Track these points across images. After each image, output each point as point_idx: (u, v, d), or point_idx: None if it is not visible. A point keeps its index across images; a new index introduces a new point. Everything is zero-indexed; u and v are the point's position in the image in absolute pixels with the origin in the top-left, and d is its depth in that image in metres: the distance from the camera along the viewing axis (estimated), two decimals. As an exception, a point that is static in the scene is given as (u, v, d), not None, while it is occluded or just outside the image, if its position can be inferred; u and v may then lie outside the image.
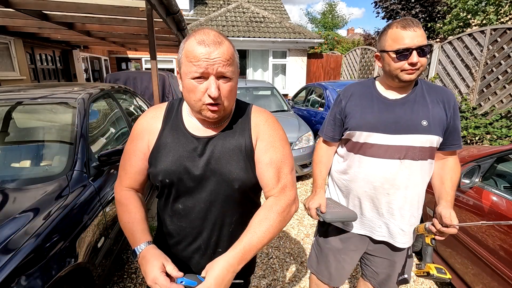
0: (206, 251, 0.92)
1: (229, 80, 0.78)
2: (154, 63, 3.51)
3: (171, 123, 0.90)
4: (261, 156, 0.87)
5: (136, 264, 2.36)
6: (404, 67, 1.05)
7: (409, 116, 1.11)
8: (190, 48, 0.75)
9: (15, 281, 1.04)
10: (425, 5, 11.04)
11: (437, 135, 1.11)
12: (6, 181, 1.57)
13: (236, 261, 0.76)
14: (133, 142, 0.92)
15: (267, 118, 0.92)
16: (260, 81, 6.45)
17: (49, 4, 3.49)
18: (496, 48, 4.89)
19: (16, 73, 5.70)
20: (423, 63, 1.04)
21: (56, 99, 2.16)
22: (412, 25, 1.03)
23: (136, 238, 0.83)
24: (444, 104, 1.13)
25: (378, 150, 1.13)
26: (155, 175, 0.87)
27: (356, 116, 1.17)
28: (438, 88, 1.17)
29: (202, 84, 0.76)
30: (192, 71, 0.75)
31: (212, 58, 0.74)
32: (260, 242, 0.79)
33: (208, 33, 0.76)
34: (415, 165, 1.13)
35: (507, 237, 1.47)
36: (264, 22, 9.92)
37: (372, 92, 1.19)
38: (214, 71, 0.75)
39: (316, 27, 25.96)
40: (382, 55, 1.11)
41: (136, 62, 11.54)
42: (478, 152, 2.09)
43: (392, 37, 1.05)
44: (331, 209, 1.23)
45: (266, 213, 0.83)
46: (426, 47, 1.03)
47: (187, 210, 0.89)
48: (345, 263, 1.34)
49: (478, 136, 5.03)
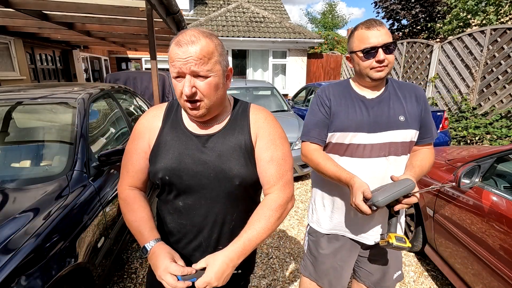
0: (207, 249, 0.92)
1: (205, 78, 0.79)
2: (154, 63, 3.51)
3: (171, 121, 0.92)
4: (262, 154, 0.88)
5: (136, 264, 2.37)
6: (373, 65, 1.09)
7: (387, 113, 1.14)
8: (170, 49, 0.78)
9: (15, 281, 1.04)
10: (425, 5, 11.03)
11: (414, 129, 1.15)
12: (6, 181, 1.57)
13: (236, 256, 0.79)
14: (134, 141, 0.93)
15: (266, 116, 0.93)
16: (260, 81, 6.45)
17: (49, 4, 3.49)
18: (496, 48, 4.89)
19: (16, 73, 5.70)
20: (390, 60, 1.09)
21: (56, 99, 2.16)
22: (375, 25, 1.08)
23: (144, 236, 0.85)
24: (416, 98, 1.18)
25: (364, 150, 1.14)
26: (155, 172, 0.87)
27: (341, 116, 1.16)
28: (408, 85, 1.23)
29: (180, 83, 0.79)
30: (172, 71, 0.79)
31: (184, 58, 0.75)
32: (259, 238, 0.82)
33: (186, 33, 0.77)
34: (399, 160, 1.16)
35: (507, 237, 1.47)
36: (264, 22, 9.92)
37: (350, 92, 1.21)
38: (188, 70, 0.76)
39: (316, 27, 25.96)
40: (352, 56, 1.16)
41: (136, 62, 11.54)
42: (478, 152, 2.09)
43: (359, 38, 1.11)
44: (376, 191, 1.04)
45: (265, 210, 0.85)
46: (391, 45, 1.08)
47: (188, 208, 0.89)
48: (343, 270, 1.32)
49: (478, 136, 5.03)
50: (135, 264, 2.37)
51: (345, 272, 1.33)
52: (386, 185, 1.05)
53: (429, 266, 2.40)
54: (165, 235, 0.95)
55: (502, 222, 1.52)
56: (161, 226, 0.97)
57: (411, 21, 11.57)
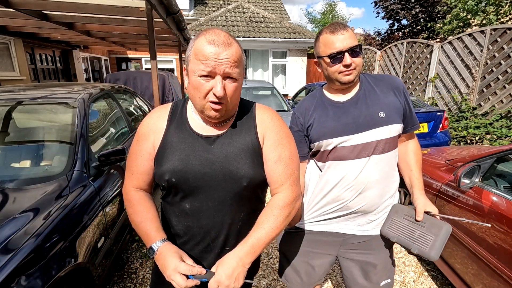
0: (213, 250, 0.92)
1: (235, 81, 0.80)
2: (154, 63, 3.51)
3: (176, 122, 0.91)
4: (270, 154, 0.88)
5: (136, 264, 2.37)
6: (340, 70, 1.08)
7: (365, 112, 1.13)
8: (200, 46, 0.77)
9: (15, 281, 1.04)
10: (425, 5, 11.04)
11: (397, 123, 1.13)
12: (6, 181, 1.57)
13: (245, 255, 0.79)
14: (139, 143, 0.92)
15: (272, 116, 0.93)
16: (260, 81, 6.45)
17: (49, 4, 3.49)
18: (496, 48, 4.89)
19: (16, 73, 5.70)
20: (357, 63, 1.08)
21: (56, 99, 2.16)
22: (339, 29, 1.07)
23: (151, 236, 0.85)
24: (394, 91, 1.16)
25: (345, 152, 1.14)
26: (161, 174, 0.86)
27: (315, 127, 1.17)
28: (384, 77, 1.21)
29: (208, 83, 0.78)
30: (200, 69, 0.77)
31: (220, 58, 0.75)
32: (268, 237, 0.82)
33: (218, 34, 0.78)
34: (382, 158, 1.15)
35: (507, 237, 1.47)
36: (264, 22, 9.93)
37: (323, 100, 1.21)
38: (222, 72, 0.77)
39: (316, 27, 25.96)
40: (319, 61, 1.15)
41: (136, 62, 11.54)
42: (478, 152, 2.09)
43: (324, 42, 1.09)
44: (393, 225, 1.13)
45: (273, 209, 0.85)
46: (357, 47, 1.06)
47: (195, 210, 0.88)
48: (315, 266, 1.30)
49: (478, 136, 5.03)
50: (135, 264, 2.37)
51: (318, 268, 1.31)
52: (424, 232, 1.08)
53: (429, 266, 2.40)
54: (171, 237, 0.94)
55: (502, 222, 1.51)
56: (167, 229, 0.95)
57: (411, 21, 11.58)
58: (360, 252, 1.25)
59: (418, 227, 1.09)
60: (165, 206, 0.97)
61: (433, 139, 4.13)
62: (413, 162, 1.24)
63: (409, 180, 1.25)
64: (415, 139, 1.28)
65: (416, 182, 1.22)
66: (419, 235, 1.08)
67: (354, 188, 1.15)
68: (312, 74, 10.73)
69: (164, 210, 0.97)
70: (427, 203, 1.15)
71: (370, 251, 1.24)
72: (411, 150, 1.26)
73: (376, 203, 1.18)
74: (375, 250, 1.24)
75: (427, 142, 4.07)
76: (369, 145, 1.12)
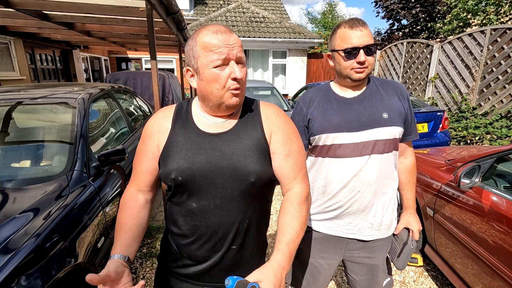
0: (220, 249, 0.90)
1: (244, 66, 0.83)
2: (154, 63, 3.50)
3: (181, 122, 0.91)
4: (279, 149, 0.88)
5: (136, 264, 2.37)
6: (353, 66, 1.09)
7: (369, 111, 1.13)
8: (207, 39, 0.79)
9: (15, 281, 1.04)
10: (425, 5, 11.03)
11: (398, 126, 1.14)
12: (6, 181, 1.57)
13: (286, 262, 0.77)
14: (144, 143, 0.92)
15: (277, 112, 0.94)
16: (260, 81, 6.44)
17: (49, 4, 3.49)
18: (496, 48, 4.89)
19: (16, 73, 5.70)
20: (370, 61, 1.09)
21: (56, 99, 2.16)
22: (358, 25, 1.07)
23: (115, 246, 0.83)
24: (399, 96, 1.18)
25: (345, 149, 1.14)
26: (167, 174, 0.86)
27: (319, 119, 1.17)
28: (390, 82, 1.23)
29: (224, 71, 0.80)
30: (214, 59, 0.78)
31: (231, 43, 0.79)
32: (298, 237, 0.82)
33: (218, 25, 0.82)
34: (382, 158, 1.15)
35: (507, 237, 1.47)
36: (264, 22, 9.92)
37: (329, 94, 1.21)
38: (234, 56, 0.80)
39: (316, 27, 25.96)
40: (333, 54, 1.15)
41: (136, 62, 11.54)
42: (478, 152, 2.09)
43: (341, 36, 1.10)
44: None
45: (294, 206, 0.85)
46: (373, 46, 1.08)
47: (202, 208, 0.87)
48: (322, 269, 1.29)
49: (478, 136, 5.03)
50: (135, 264, 2.37)
51: (325, 273, 1.32)
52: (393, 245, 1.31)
53: (429, 266, 2.40)
54: (177, 238, 0.93)
55: (502, 222, 1.52)
56: (173, 229, 0.94)
57: (411, 21, 11.57)
58: (365, 255, 1.25)
59: (395, 241, 1.31)
60: (171, 207, 0.95)
61: (433, 139, 4.12)
62: (407, 181, 1.29)
63: (403, 198, 1.32)
64: (413, 156, 1.29)
65: (406, 202, 1.30)
66: (394, 248, 1.31)
67: (352, 186, 1.15)
68: (312, 74, 10.72)
69: (170, 210, 0.96)
70: (410, 221, 1.28)
71: (373, 253, 1.25)
72: (407, 169, 1.28)
73: (374, 203, 1.18)
74: (378, 252, 1.26)
75: (427, 142, 4.07)
76: (370, 144, 1.12)
